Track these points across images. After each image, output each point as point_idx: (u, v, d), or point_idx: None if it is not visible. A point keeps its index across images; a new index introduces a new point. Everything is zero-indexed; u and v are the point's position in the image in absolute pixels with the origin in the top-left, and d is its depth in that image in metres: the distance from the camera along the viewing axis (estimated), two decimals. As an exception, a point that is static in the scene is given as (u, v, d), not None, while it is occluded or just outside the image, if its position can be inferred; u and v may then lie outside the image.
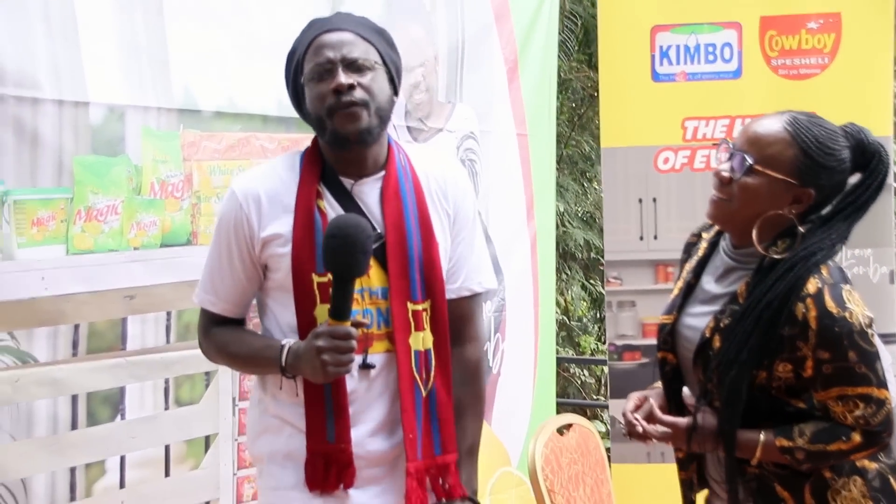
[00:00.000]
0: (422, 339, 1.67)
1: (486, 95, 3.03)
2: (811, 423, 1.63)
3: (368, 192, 1.66)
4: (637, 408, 1.76)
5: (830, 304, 1.59)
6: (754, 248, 1.66)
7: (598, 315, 6.34)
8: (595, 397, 6.04)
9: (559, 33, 3.71)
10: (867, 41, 2.96)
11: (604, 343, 4.63)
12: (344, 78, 1.58)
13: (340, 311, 1.53)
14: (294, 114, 2.35)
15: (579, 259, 5.97)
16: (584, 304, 6.12)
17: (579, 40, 5.80)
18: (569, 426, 2.57)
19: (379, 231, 1.63)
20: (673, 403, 1.80)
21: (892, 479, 1.68)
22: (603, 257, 3.44)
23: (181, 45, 2.12)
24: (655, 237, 3.06)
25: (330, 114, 1.59)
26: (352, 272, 1.53)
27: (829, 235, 1.64)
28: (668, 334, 1.80)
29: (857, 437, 1.61)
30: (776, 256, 1.64)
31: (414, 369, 1.65)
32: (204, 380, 2.22)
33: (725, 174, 1.67)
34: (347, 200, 1.64)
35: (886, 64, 2.98)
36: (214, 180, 2.21)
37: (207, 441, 2.23)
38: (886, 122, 3.07)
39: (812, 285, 1.60)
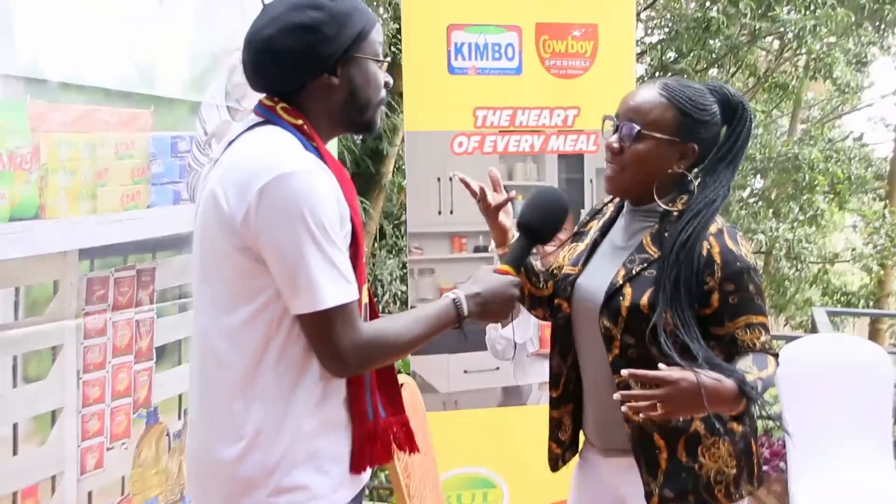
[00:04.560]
0: None
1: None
2: (740, 359, 1.67)
3: None
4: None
5: (729, 242, 1.72)
6: (654, 205, 1.78)
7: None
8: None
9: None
10: (617, 49, 3.42)
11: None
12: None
13: (522, 265, 1.83)
14: (133, 88, 2.37)
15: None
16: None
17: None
18: (401, 385, 2.75)
19: None
20: (560, 351, 1.90)
21: (752, 442, 1.79)
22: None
23: (28, 10, 2.02)
24: (451, 212, 3.30)
25: (378, 105, 1.63)
26: (546, 238, 1.83)
27: (720, 183, 1.77)
28: (570, 284, 1.89)
29: (772, 362, 1.69)
30: (679, 209, 1.76)
31: None
32: (51, 355, 2.17)
33: (616, 144, 1.78)
34: None
35: (629, 68, 3.49)
36: (61, 153, 2.16)
37: (54, 416, 2.20)
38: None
39: (713, 227, 1.73)
